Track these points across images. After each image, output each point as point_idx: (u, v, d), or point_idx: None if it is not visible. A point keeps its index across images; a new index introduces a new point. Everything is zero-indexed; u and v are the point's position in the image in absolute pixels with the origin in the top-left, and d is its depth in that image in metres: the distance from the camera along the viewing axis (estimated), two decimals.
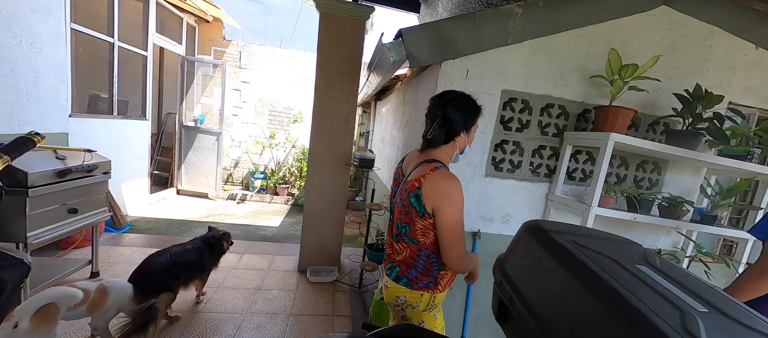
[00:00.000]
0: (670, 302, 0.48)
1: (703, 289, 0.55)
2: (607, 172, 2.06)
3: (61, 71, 2.60)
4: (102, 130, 3.20)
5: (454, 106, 1.16)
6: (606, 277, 0.51)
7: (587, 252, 0.61)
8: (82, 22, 2.83)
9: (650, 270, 0.59)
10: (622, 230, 2.13)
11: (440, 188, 1.07)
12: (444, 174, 1.10)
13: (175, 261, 1.74)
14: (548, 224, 0.71)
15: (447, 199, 1.06)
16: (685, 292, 0.52)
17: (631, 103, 1.94)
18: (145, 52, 3.73)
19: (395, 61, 1.77)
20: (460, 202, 1.07)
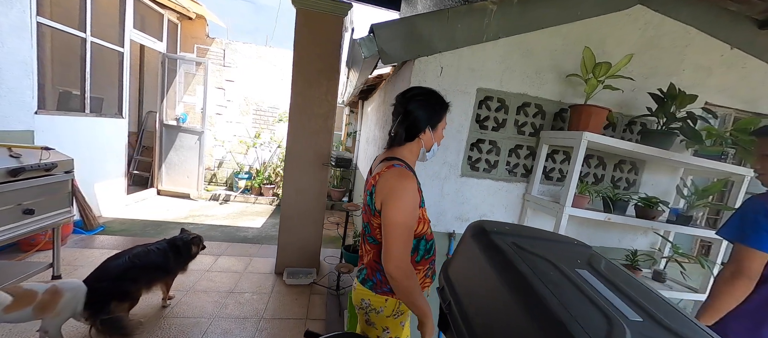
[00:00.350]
0: (601, 310, 0.44)
1: (644, 296, 0.50)
2: (584, 172, 2.05)
3: (25, 66, 2.49)
4: (73, 128, 3.08)
5: (418, 101, 1.11)
6: (534, 282, 0.47)
7: (525, 256, 0.56)
8: (49, 15, 2.72)
9: (591, 274, 0.55)
10: (598, 231, 2.12)
11: (389, 184, 1.02)
12: (397, 172, 1.04)
13: (135, 264, 1.66)
14: (492, 225, 0.67)
15: (393, 195, 1.00)
16: (623, 299, 0.48)
17: (608, 103, 1.92)
18: (121, 49, 3.62)
19: (367, 58, 1.71)
20: (408, 203, 1.00)
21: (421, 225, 1.11)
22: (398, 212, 1.00)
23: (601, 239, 2.14)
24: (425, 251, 1.17)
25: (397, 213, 1.00)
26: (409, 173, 1.06)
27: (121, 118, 3.74)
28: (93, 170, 3.42)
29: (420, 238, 1.13)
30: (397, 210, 1.00)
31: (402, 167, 1.07)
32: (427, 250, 1.18)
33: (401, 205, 1.00)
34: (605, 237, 2.14)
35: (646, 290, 0.53)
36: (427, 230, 1.15)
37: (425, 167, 1.84)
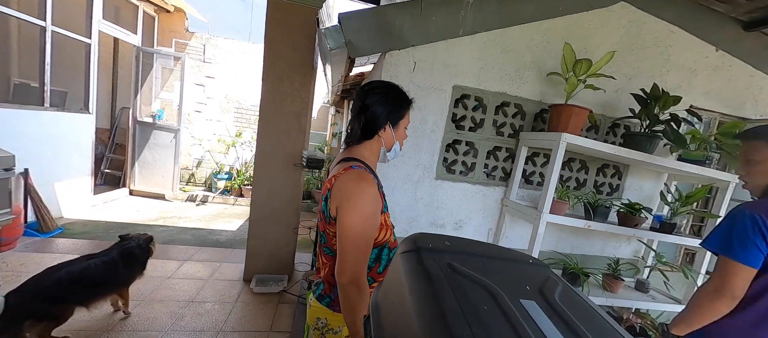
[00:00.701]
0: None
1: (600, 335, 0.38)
2: (566, 176, 1.96)
3: None
4: (29, 122, 2.86)
5: (377, 96, 0.99)
6: (453, 320, 0.35)
7: (458, 281, 0.44)
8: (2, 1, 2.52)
9: (539, 306, 0.42)
10: (580, 238, 2.02)
11: (345, 188, 0.89)
12: (355, 174, 0.92)
13: (62, 281, 1.47)
14: (428, 239, 0.54)
15: (349, 201, 0.88)
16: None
17: (591, 103, 1.83)
18: (88, 40, 3.41)
19: (333, 50, 1.58)
20: (367, 208, 0.88)
21: (384, 233, 0.99)
22: (355, 218, 0.87)
23: (583, 247, 2.04)
24: (389, 260, 1.05)
25: (353, 220, 0.87)
26: (369, 176, 0.93)
27: (87, 113, 3.53)
28: (54, 169, 3.20)
29: (382, 247, 1.01)
30: (353, 217, 0.87)
31: (361, 168, 0.95)
32: (392, 260, 1.05)
33: (358, 211, 0.88)
34: (587, 245, 2.05)
35: (609, 329, 0.41)
36: (390, 237, 1.02)
37: (397, 168, 1.72)
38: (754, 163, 1.09)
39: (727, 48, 1.98)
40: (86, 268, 1.59)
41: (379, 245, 1.01)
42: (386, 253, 1.04)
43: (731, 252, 1.02)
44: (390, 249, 1.05)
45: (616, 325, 0.43)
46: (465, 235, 1.86)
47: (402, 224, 1.77)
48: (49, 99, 3.05)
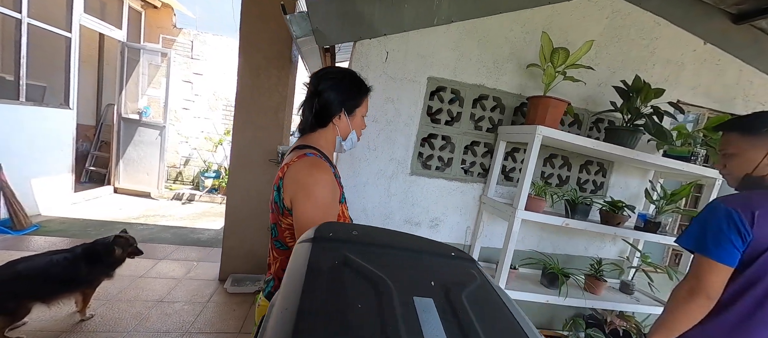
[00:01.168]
0: None
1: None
2: (547, 173, 1.88)
3: None
4: (2, 116, 2.79)
5: (331, 81, 0.93)
6: (302, 321, 0.28)
7: (345, 274, 0.38)
8: None
9: (433, 304, 0.36)
10: (562, 237, 1.95)
11: (299, 177, 0.84)
12: (309, 162, 0.86)
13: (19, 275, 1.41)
14: (335, 228, 0.47)
15: (304, 191, 0.82)
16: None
17: (573, 97, 1.76)
18: (68, 34, 3.35)
19: (299, 38, 1.52)
20: (324, 197, 0.82)
21: None
22: (312, 209, 0.82)
23: (566, 247, 1.97)
24: None
25: (310, 210, 0.82)
26: (324, 163, 0.88)
27: (67, 109, 3.46)
28: (31, 165, 3.12)
29: None
30: (310, 207, 0.82)
31: (315, 156, 0.89)
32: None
33: (315, 200, 0.82)
34: (570, 245, 1.97)
35: (516, 331, 0.34)
36: None
37: (369, 163, 1.65)
38: (730, 156, 1.03)
39: (716, 41, 1.91)
40: (48, 263, 1.53)
41: None
42: None
43: (705, 250, 0.95)
44: None
45: (528, 327, 0.36)
46: (442, 234, 1.79)
47: (374, 221, 1.70)
48: (25, 93, 2.98)
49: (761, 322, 0.92)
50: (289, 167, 0.87)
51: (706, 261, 0.95)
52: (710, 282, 0.94)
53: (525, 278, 1.74)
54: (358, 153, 1.63)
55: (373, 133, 1.63)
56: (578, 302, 1.59)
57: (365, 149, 1.63)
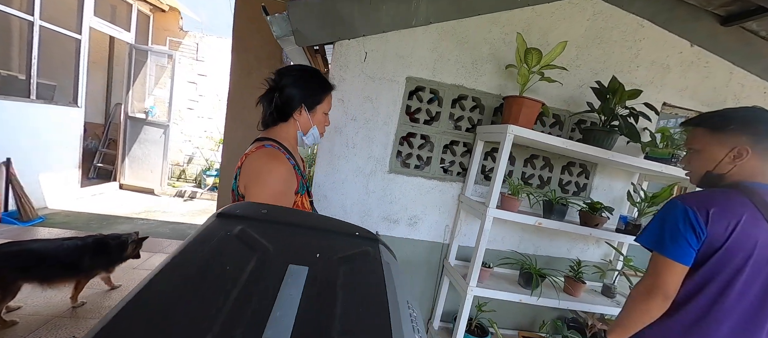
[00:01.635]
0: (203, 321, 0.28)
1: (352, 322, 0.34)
2: (528, 174, 1.89)
3: None
4: (13, 114, 2.94)
5: (293, 77, 0.99)
6: (159, 276, 0.32)
7: (227, 243, 0.41)
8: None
9: (306, 273, 0.39)
10: (543, 239, 1.94)
11: (254, 166, 0.89)
12: (266, 152, 0.91)
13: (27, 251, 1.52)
14: (245, 207, 0.51)
15: (257, 179, 0.87)
16: (301, 317, 0.32)
17: (553, 98, 1.78)
18: (78, 36, 3.51)
19: (279, 38, 1.57)
20: (275, 186, 0.87)
21: None
22: (262, 197, 0.86)
23: (547, 248, 1.96)
24: None
25: (260, 198, 0.86)
26: (280, 154, 0.93)
27: (76, 107, 3.61)
28: (40, 160, 3.27)
29: None
30: (260, 195, 0.86)
31: (273, 147, 0.94)
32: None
33: (266, 189, 0.87)
34: (552, 247, 1.97)
35: (374, 313, 0.37)
36: None
37: (347, 160, 1.68)
38: (694, 152, 1.03)
39: (703, 43, 1.89)
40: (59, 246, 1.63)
41: None
42: None
43: (663, 248, 0.95)
44: None
45: (394, 305, 0.38)
46: (420, 232, 1.81)
47: (353, 218, 1.73)
48: (35, 92, 3.14)
49: (715, 321, 0.92)
50: (247, 156, 0.92)
51: (663, 260, 0.95)
52: (667, 280, 0.94)
53: (501, 277, 1.74)
54: (337, 150, 1.67)
55: (352, 131, 1.67)
56: (552, 302, 1.58)
57: (344, 146, 1.67)
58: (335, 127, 1.65)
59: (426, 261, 1.85)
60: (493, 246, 1.88)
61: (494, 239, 1.88)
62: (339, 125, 1.65)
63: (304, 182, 1.05)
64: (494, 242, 1.88)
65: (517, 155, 1.85)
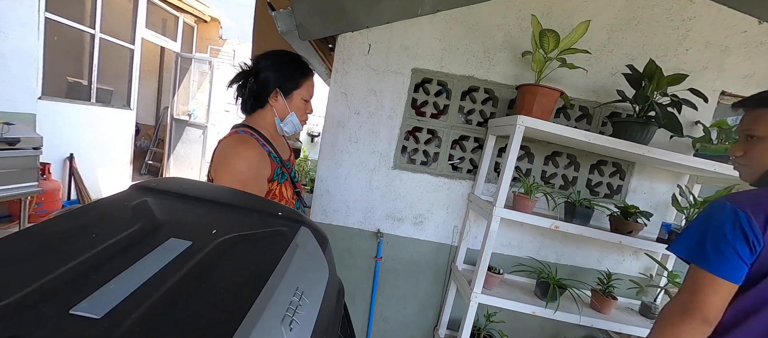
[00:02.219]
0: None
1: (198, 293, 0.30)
2: (550, 173, 1.70)
3: (30, 56, 2.78)
4: (77, 115, 3.37)
5: (268, 61, 0.98)
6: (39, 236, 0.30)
7: (123, 212, 0.39)
8: (59, 12, 3.03)
9: (188, 247, 0.35)
10: (568, 246, 1.73)
11: (223, 151, 0.89)
12: (236, 138, 0.91)
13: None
14: (166, 181, 0.48)
15: (224, 164, 0.87)
16: (146, 288, 0.29)
17: (580, 88, 1.59)
18: (132, 46, 3.94)
19: (284, 33, 1.60)
20: (242, 171, 0.86)
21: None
22: (228, 181, 0.86)
23: (573, 257, 1.75)
24: None
25: (225, 182, 0.86)
26: (250, 139, 0.92)
27: (129, 110, 4.05)
28: (97, 156, 3.71)
29: None
30: (227, 179, 0.86)
31: (246, 133, 0.93)
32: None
33: (232, 174, 0.86)
34: (579, 256, 1.75)
35: (226, 290, 0.32)
36: None
37: (350, 155, 1.65)
38: (756, 140, 0.82)
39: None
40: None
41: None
42: None
43: (703, 260, 0.77)
44: None
45: (264, 300, 0.33)
46: (426, 232, 1.71)
47: (356, 214, 1.69)
48: (95, 95, 3.57)
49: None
50: (219, 143, 0.92)
51: (703, 274, 0.77)
52: (707, 301, 0.76)
53: (514, 285, 1.58)
54: (339, 145, 1.65)
55: (355, 125, 1.63)
56: (573, 318, 1.39)
57: (347, 140, 1.65)
58: (338, 121, 1.63)
59: (432, 263, 1.74)
60: (507, 251, 1.72)
61: (508, 244, 1.72)
62: (342, 119, 1.63)
63: (286, 171, 1.03)
64: (508, 246, 1.72)
65: (536, 152, 1.67)
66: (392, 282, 1.75)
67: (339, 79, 1.60)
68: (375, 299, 1.73)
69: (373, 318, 1.75)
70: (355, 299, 1.75)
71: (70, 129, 3.29)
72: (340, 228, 1.70)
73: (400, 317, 1.79)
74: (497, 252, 1.72)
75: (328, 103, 1.62)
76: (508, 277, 1.64)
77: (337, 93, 1.61)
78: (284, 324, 0.29)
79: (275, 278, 0.33)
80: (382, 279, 1.74)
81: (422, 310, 1.79)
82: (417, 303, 1.78)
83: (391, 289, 1.75)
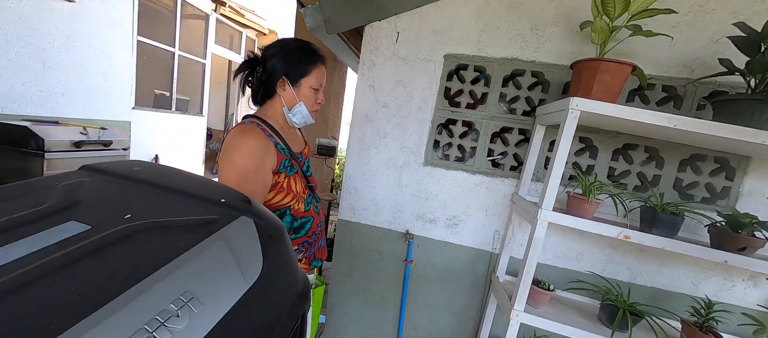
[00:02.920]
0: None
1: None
2: (620, 170, 1.39)
3: (126, 73, 3.34)
4: (161, 121, 3.96)
5: (275, 49, 0.96)
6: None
7: (55, 192, 0.36)
8: (148, 35, 3.59)
9: (71, 230, 0.31)
10: (651, 264, 1.38)
11: (227, 142, 0.89)
12: (240, 128, 0.91)
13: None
14: (121, 163, 0.46)
15: (225, 154, 0.86)
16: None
17: (661, 63, 1.26)
18: (204, 61, 4.49)
19: (312, 29, 1.59)
20: (242, 162, 0.84)
21: (281, 196, 0.94)
22: (228, 172, 0.86)
23: (656, 277, 1.38)
24: (292, 229, 0.99)
25: (226, 173, 0.86)
26: (254, 129, 0.90)
27: (201, 116, 4.62)
28: (176, 156, 4.30)
29: (282, 212, 0.96)
30: (227, 169, 0.86)
31: (252, 123, 0.93)
32: (296, 229, 0.99)
33: (232, 164, 0.86)
34: (663, 275, 1.38)
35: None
36: (291, 203, 0.96)
37: (378, 151, 1.57)
38: None
39: None
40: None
41: (276, 209, 0.96)
42: (288, 220, 0.98)
43: None
44: (293, 217, 0.98)
45: (130, 297, 0.26)
46: (463, 236, 1.54)
47: (384, 213, 1.60)
48: (175, 105, 4.14)
49: None
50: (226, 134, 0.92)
51: None
52: None
53: (571, 305, 1.31)
54: (367, 140, 1.58)
55: (383, 119, 1.55)
56: None
57: (375, 135, 1.57)
58: (366, 115, 1.56)
59: (470, 271, 1.56)
60: (562, 264, 1.44)
61: (564, 255, 1.44)
62: (369, 113, 1.56)
63: (297, 163, 0.99)
64: (564, 258, 1.44)
65: (601, 144, 1.37)
66: (424, 289, 1.61)
67: (366, 72, 1.53)
68: (405, 304, 1.61)
69: (403, 325, 1.63)
70: (384, 303, 1.66)
71: (156, 134, 3.87)
72: (369, 228, 1.62)
73: (433, 327, 1.63)
74: (549, 264, 1.46)
75: (356, 96, 1.57)
76: (562, 294, 1.38)
77: (364, 86, 1.55)
78: (139, 335, 0.21)
79: (158, 275, 0.26)
80: (412, 284, 1.61)
81: (458, 323, 1.61)
82: (452, 314, 1.60)
83: (422, 296, 1.62)
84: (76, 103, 2.88)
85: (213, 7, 4.40)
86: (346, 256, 1.67)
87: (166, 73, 4.08)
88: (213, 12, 4.42)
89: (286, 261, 0.41)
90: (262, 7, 5.36)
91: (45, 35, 2.55)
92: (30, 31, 2.44)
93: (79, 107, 2.93)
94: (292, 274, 0.41)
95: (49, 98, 2.66)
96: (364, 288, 1.68)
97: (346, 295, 1.71)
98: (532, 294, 1.21)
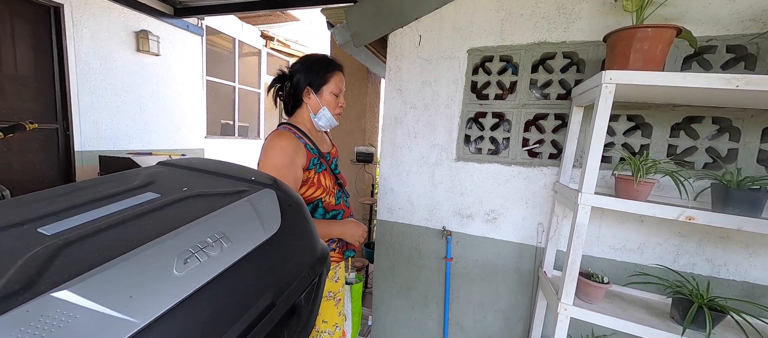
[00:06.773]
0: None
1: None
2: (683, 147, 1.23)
3: (199, 108, 3.94)
4: (227, 147, 4.54)
5: (299, 64, 1.10)
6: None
7: (141, 176, 0.50)
8: (214, 74, 4.20)
9: (155, 199, 0.43)
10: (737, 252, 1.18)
11: (264, 145, 1.04)
12: (275, 133, 1.05)
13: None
14: (183, 160, 0.59)
15: (263, 154, 1.01)
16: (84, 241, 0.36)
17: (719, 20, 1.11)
18: (258, 91, 5.07)
19: (341, 45, 1.74)
20: (275, 160, 0.98)
21: (312, 190, 1.07)
22: (264, 166, 1.01)
23: (744, 267, 1.17)
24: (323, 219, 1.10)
25: (263, 168, 1.00)
26: (286, 132, 1.05)
27: (258, 139, 5.18)
28: None
29: (314, 205, 1.08)
30: (263, 166, 1.01)
31: (285, 129, 1.07)
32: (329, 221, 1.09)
33: (267, 162, 1.01)
34: (755, 266, 1.15)
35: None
36: (322, 196, 1.08)
37: (410, 150, 1.62)
38: None
39: None
40: None
41: (309, 201, 1.07)
42: (321, 212, 1.09)
43: None
44: (325, 208, 1.08)
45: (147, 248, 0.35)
46: (503, 230, 1.49)
47: (421, 212, 1.63)
48: (237, 131, 4.73)
49: None
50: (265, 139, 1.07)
51: None
52: None
53: (632, 301, 1.17)
54: (399, 141, 1.64)
55: (412, 119, 1.60)
56: None
57: (405, 136, 1.63)
58: (395, 117, 1.63)
59: (515, 268, 1.49)
60: (623, 257, 1.31)
61: (623, 247, 1.30)
62: (399, 115, 1.63)
63: (325, 162, 1.09)
64: (623, 250, 1.30)
65: (655, 121, 1.24)
66: (466, 287, 1.58)
67: (393, 77, 1.61)
68: (449, 303, 1.60)
69: (448, 324, 1.61)
70: (427, 301, 1.67)
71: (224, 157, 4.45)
72: (407, 227, 1.67)
73: (480, 327, 1.58)
74: (605, 257, 1.33)
75: (385, 101, 1.65)
76: (621, 290, 1.24)
77: (392, 90, 1.63)
78: (181, 257, 0.30)
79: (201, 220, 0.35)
80: (454, 282, 1.59)
81: (507, 323, 1.54)
82: (499, 313, 1.54)
83: (466, 294, 1.59)
84: (162, 137, 3.50)
85: (264, 43, 4.99)
86: (387, 256, 1.72)
87: (229, 105, 4.70)
88: (264, 47, 5.01)
89: (304, 229, 0.49)
90: (304, 36, 5.89)
91: (141, 85, 3.18)
92: (130, 83, 3.07)
93: (165, 139, 3.54)
94: (311, 241, 0.49)
95: (144, 135, 3.28)
96: (407, 287, 1.70)
97: (390, 295, 1.75)
98: (583, 288, 1.12)
